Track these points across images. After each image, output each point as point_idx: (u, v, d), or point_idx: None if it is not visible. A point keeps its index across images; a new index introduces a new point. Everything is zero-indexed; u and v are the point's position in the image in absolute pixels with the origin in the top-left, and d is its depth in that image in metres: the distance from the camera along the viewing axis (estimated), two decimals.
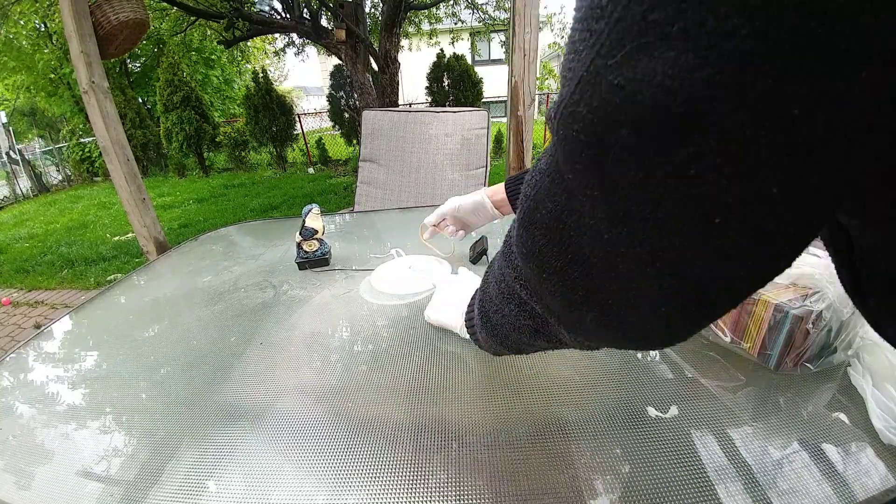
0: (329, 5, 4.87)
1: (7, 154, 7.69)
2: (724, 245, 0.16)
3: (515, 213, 0.51)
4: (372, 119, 1.89)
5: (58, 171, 8.34)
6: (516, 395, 0.51)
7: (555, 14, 8.19)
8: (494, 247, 0.93)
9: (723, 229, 0.15)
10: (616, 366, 0.54)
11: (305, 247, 0.90)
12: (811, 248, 0.53)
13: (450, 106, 6.57)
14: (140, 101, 7.88)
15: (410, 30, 7.13)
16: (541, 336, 0.30)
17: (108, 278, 3.29)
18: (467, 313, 0.49)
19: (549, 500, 0.38)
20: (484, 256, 0.86)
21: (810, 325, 0.45)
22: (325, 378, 0.57)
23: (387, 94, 5.36)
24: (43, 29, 6.42)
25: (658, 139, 0.14)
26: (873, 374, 0.44)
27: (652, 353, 0.56)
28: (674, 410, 0.46)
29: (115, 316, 0.84)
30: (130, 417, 0.54)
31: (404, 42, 6.93)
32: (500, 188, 0.76)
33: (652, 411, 0.47)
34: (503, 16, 6.79)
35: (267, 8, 5.54)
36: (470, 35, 8.58)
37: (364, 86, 5.23)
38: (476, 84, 6.73)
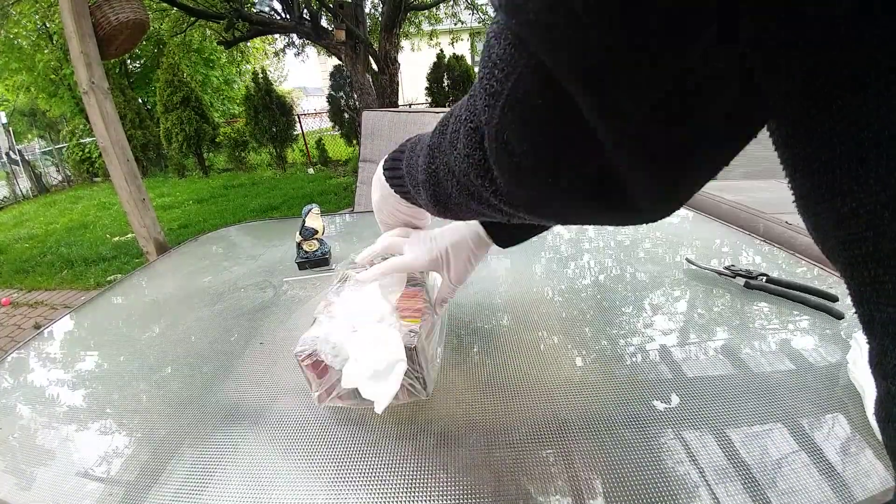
0: (329, 6, 4.87)
1: (7, 154, 7.69)
2: None
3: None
4: (372, 119, 1.89)
5: (58, 171, 8.34)
6: (516, 395, 0.51)
7: None
8: None
9: None
10: (616, 366, 0.54)
11: (305, 247, 0.90)
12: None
13: (450, 106, 6.56)
14: (140, 101, 7.88)
15: (410, 30, 7.13)
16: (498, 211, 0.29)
17: (108, 278, 3.30)
18: (392, 170, 0.45)
19: (549, 500, 0.38)
20: None
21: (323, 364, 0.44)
22: None
23: (386, 95, 5.36)
24: (43, 29, 6.42)
25: None
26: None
27: (652, 353, 0.56)
28: (674, 410, 0.46)
29: (115, 316, 0.84)
30: (130, 417, 0.54)
31: (404, 42, 6.94)
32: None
33: (652, 410, 0.47)
34: None
35: (267, 8, 5.54)
36: (470, 35, 8.60)
37: (364, 86, 5.24)
38: None
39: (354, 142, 7.12)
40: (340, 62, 5.61)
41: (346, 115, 7.01)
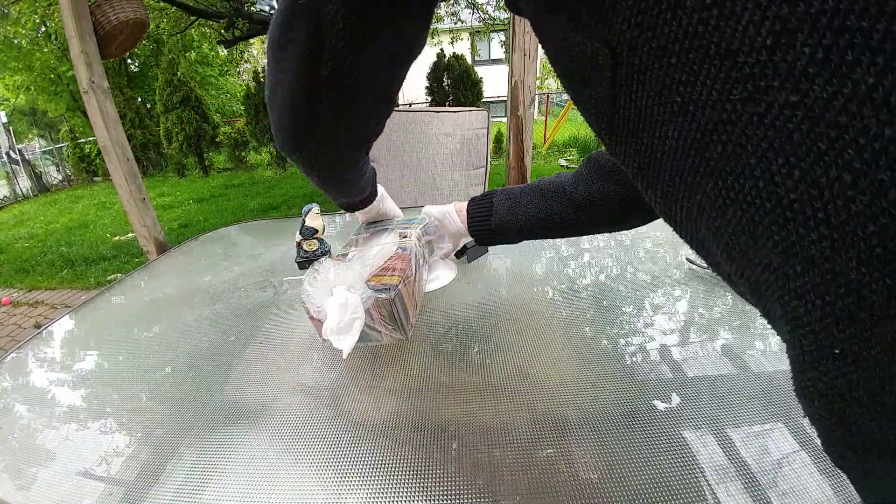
0: None
1: (7, 154, 7.69)
2: None
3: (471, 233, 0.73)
4: None
5: (58, 171, 8.34)
6: (516, 394, 0.51)
7: None
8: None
9: None
10: (616, 366, 0.54)
11: (305, 246, 0.90)
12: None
13: (450, 106, 6.57)
14: (140, 100, 7.87)
15: None
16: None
17: (108, 278, 3.30)
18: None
19: (549, 500, 0.38)
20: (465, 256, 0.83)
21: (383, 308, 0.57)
22: (325, 378, 0.57)
23: None
24: (43, 29, 6.41)
25: None
26: None
27: (652, 353, 0.56)
28: (674, 410, 0.46)
29: (115, 316, 0.84)
30: (130, 417, 0.54)
31: None
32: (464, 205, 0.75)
33: (653, 410, 0.47)
34: (503, 16, 6.78)
35: (267, 7, 5.54)
36: (470, 35, 8.58)
37: None
38: (476, 84, 6.72)
39: None
40: None
41: None
